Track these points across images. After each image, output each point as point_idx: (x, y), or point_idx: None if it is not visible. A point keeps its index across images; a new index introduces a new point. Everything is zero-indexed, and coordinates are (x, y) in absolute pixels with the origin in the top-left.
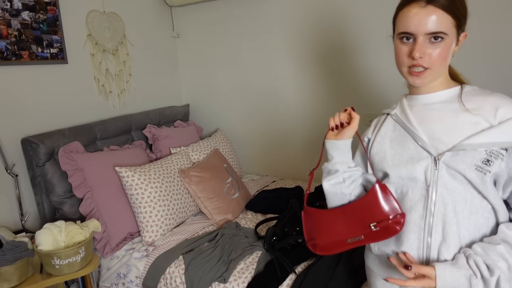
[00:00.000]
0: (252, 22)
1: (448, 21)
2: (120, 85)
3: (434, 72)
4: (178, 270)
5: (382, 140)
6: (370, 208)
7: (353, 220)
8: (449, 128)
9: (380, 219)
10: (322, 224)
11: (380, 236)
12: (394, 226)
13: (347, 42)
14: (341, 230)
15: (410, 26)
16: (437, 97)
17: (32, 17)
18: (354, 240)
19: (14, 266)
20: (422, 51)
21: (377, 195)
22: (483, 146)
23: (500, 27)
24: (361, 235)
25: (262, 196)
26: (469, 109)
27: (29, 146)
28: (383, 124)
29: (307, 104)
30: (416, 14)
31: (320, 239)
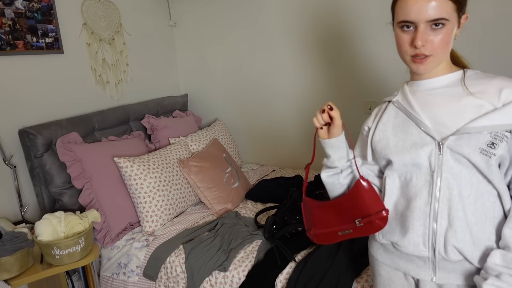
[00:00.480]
0: (250, 10)
1: (449, 6)
2: (117, 75)
3: (437, 58)
4: (179, 259)
5: (384, 127)
6: (354, 203)
7: (342, 214)
8: (452, 112)
9: (363, 214)
10: (317, 215)
11: (365, 231)
12: (378, 222)
13: (345, 30)
14: (333, 222)
15: (410, 14)
16: (440, 81)
17: (26, 6)
18: (344, 233)
19: (14, 257)
20: (424, 39)
21: (360, 191)
22: (487, 128)
23: (501, 9)
24: (349, 229)
25: (261, 186)
26: (473, 92)
27: (27, 137)
28: (385, 112)
29: (306, 92)
30: (416, 1)
31: (316, 229)
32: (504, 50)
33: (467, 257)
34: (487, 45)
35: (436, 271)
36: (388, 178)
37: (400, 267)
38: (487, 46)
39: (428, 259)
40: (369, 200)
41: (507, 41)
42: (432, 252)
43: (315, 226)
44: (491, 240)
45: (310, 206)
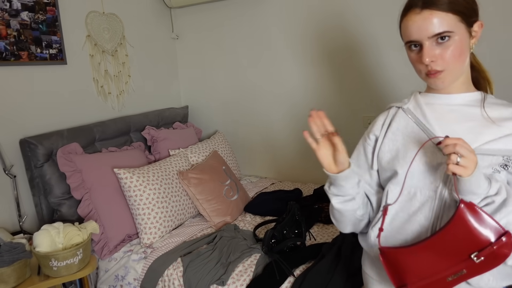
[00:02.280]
0: (252, 24)
1: (449, 19)
2: (119, 86)
3: (452, 72)
4: (177, 272)
5: (394, 136)
6: (463, 235)
7: (447, 253)
8: (468, 131)
9: (481, 246)
10: (409, 264)
11: (487, 267)
12: (502, 250)
13: (346, 45)
14: (437, 267)
15: (412, 35)
16: (457, 99)
17: (32, 17)
18: (455, 277)
19: (12, 268)
20: (431, 55)
21: (467, 218)
22: (502, 152)
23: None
24: (462, 269)
25: (261, 199)
26: (492, 117)
27: (28, 147)
28: (394, 119)
29: (306, 105)
30: (414, 21)
31: (413, 282)
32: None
33: None
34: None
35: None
36: (390, 192)
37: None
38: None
39: None
40: (482, 225)
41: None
42: None
43: (411, 279)
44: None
45: (396, 256)
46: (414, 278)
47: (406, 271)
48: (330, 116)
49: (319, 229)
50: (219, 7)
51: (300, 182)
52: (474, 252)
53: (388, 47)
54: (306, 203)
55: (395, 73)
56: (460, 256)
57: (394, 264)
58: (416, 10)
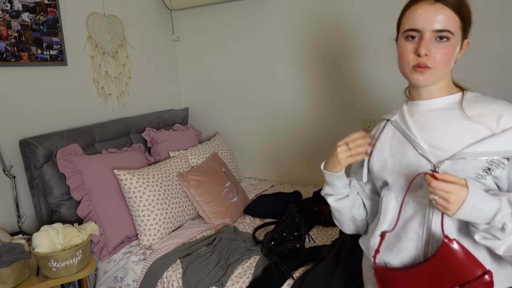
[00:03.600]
0: (252, 26)
1: (456, 21)
2: (120, 87)
3: (437, 72)
4: (176, 274)
5: (382, 148)
6: (445, 269)
7: (435, 282)
8: (449, 136)
9: (462, 282)
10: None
11: None
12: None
13: (346, 47)
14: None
15: (417, 22)
16: (438, 103)
17: (32, 18)
18: None
19: (10, 268)
20: (428, 48)
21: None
22: (484, 154)
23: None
24: None
25: (260, 201)
26: (470, 116)
27: (27, 147)
28: (383, 131)
29: (306, 108)
30: (425, 10)
31: None
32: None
33: None
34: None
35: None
36: (384, 198)
37: None
38: (488, 70)
39: None
40: (464, 263)
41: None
42: None
43: None
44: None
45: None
46: None
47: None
48: (330, 119)
49: (318, 232)
50: (219, 10)
51: (300, 185)
52: (455, 286)
53: (386, 49)
54: (305, 205)
55: (393, 75)
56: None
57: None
58: (430, 1)
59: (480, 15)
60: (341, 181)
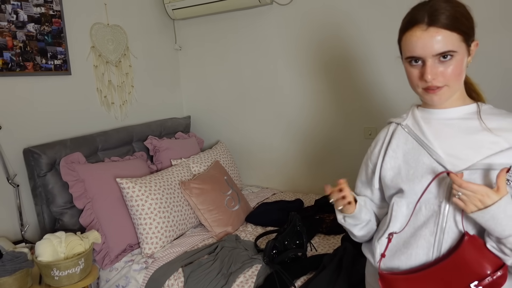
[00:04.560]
0: (253, 35)
1: (454, 39)
2: (122, 96)
3: (451, 89)
4: (178, 282)
5: (394, 154)
6: (464, 266)
7: (446, 283)
8: (467, 146)
9: (480, 277)
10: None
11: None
12: (499, 281)
13: (347, 55)
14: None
15: (416, 51)
16: (454, 113)
17: (37, 29)
18: None
19: (13, 277)
20: (434, 73)
21: (469, 251)
22: (501, 166)
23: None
24: None
25: (262, 209)
26: (491, 128)
27: (31, 156)
28: (394, 136)
29: (308, 116)
30: (420, 38)
31: None
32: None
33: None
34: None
35: None
36: (396, 205)
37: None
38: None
39: None
40: (483, 258)
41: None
42: None
43: None
44: None
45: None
46: None
47: None
48: (332, 127)
49: (320, 240)
50: (221, 19)
51: (302, 193)
52: (474, 282)
53: (387, 57)
54: (307, 213)
55: (395, 83)
56: (460, 285)
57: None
58: (422, 26)
59: (486, 20)
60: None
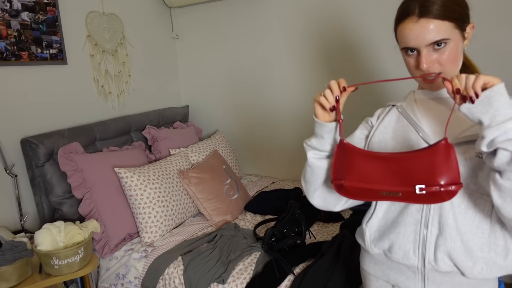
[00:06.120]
0: (252, 23)
1: (446, 27)
2: (120, 86)
3: (447, 74)
4: (177, 271)
5: (385, 129)
6: (424, 166)
7: (397, 172)
8: (455, 120)
9: (431, 183)
10: (357, 164)
11: (422, 200)
12: (444, 195)
13: (348, 44)
14: (378, 178)
15: (409, 42)
16: (445, 92)
17: (32, 17)
18: (389, 195)
19: (13, 266)
20: (429, 61)
21: (439, 154)
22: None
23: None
24: (399, 191)
25: (261, 197)
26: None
27: (29, 146)
28: (387, 115)
29: (306, 104)
30: (412, 29)
31: (349, 180)
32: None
33: (458, 265)
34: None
35: (425, 283)
36: None
37: (390, 278)
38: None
39: (417, 269)
40: (447, 166)
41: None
42: (422, 262)
43: (350, 177)
44: (483, 251)
45: (351, 153)
46: (353, 178)
47: (350, 170)
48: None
49: (319, 228)
50: (219, 7)
51: (300, 181)
52: (421, 185)
53: (388, 46)
54: (306, 202)
55: (395, 71)
56: (405, 181)
57: (344, 159)
58: (413, 18)
59: (484, 15)
60: (330, 136)
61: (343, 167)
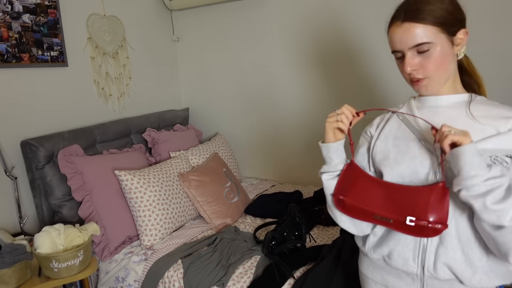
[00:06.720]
0: (252, 26)
1: (429, 31)
2: (120, 88)
3: (434, 80)
4: (177, 274)
5: (386, 138)
6: (418, 201)
7: (393, 200)
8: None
9: (422, 218)
10: (360, 185)
11: (409, 231)
12: (430, 231)
13: (346, 46)
14: (375, 202)
15: (395, 45)
16: (444, 100)
17: (33, 20)
18: (381, 219)
19: (12, 269)
20: (412, 64)
21: (435, 195)
22: (488, 152)
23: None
24: (391, 218)
25: (261, 201)
26: (476, 116)
27: (29, 148)
28: (388, 122)
29: (306, 108)
30: (396, 33)
31: (349, 198)
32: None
33: (458, 275)
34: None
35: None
36: None
37: (389, 284)
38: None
39: (416, 276)
40: (438, 207)
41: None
42: (421, 269)
43: (350, 195)
44: (482, 261)
45: (356, 174)
46: (353, 197)
47: (352, 189)
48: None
49: (319, 231)
50: (219, 10)
51: (301, 184)
52: (412, 217)
53: (386, 49)
54: (306, 205)
55: (393, 74)
56: (399, 211)
57: (350, 178)
58: (398, 22)
59: (484, 16)
60: (337, 155)
61: (346, 184)
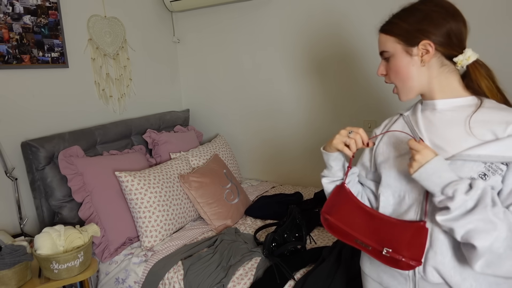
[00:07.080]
0: (253, 28)
1: (388, 41)
2: (121, 89)
3: (399, 87)
4: (177, 275)
5: (389, 140)
6: (397, 234)
7: (375, 230)
8: (453, 137)
9: (397, 251)
10: (347, 209)
11: (384, 260)
12: (403, 265)
13: (346, 48)
14: (358, 228)
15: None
16: (446, 104)
17: (34, 21)
18: (361, 244)
19: (13, 270)
20: (380, 70)
21: (415, 232)
22: (482, 158)
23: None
24: (370, 245)
25: (261, 202)
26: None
27: (29, 149)
28: (393, 125)
29: (306, 110)
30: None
31: (335, 218)
32: None
33: (447, 280)
34: None
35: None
36: (382, 196)
37: (383, 282)
38: None
39: (408, 277)
40: (415, 244)
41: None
42: (413, 271)
43: (336, 216)
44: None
45: (346, 198)
46: (338, 218)
47: (339, 210)
48: (331, 120)
49: (319, 233)
50: (220, 11)
51: (301, 186)
52: (389, 248)
53: None
54: (306, 206)
55: None
56: (378, 240)
57: (339, 200)
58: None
59: (482, 19)
60: (336, 163)
61: (334, 205)
